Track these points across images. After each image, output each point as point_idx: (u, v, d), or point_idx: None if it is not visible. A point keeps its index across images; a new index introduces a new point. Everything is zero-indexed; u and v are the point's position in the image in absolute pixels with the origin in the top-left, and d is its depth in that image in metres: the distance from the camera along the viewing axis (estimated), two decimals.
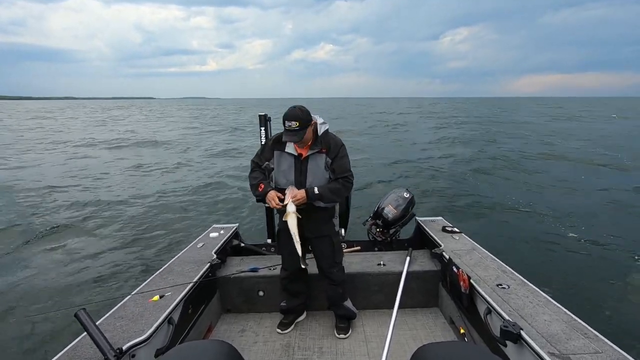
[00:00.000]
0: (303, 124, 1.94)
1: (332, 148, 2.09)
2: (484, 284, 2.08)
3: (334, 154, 2.08)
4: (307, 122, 1.97)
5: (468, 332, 2.17)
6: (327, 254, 2.27)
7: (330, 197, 2.06)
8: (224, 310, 2.73)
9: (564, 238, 5.79)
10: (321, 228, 2.22)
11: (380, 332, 2.41)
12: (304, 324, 2.55)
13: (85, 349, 1.57)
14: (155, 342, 1.77)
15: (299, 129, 1.93)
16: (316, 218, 2.14)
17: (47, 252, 5.83)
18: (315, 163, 2.08)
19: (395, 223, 3.12)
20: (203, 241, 2.98)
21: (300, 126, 1.93)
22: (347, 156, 2.13)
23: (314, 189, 2.02)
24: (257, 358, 2.20)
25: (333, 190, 2.06)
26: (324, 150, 2.08)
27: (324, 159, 2.08)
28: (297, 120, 1.93)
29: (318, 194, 2.02)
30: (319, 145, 2.07)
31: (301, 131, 1.95)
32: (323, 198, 2.04)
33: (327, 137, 2.11)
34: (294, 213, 1.99)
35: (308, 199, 2.02)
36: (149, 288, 2.15)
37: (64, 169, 12.49)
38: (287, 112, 1.97)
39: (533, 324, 1.67)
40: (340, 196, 2.11)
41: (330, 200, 2.09)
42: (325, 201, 2.08)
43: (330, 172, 2.10)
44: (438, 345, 1.02)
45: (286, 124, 1.95)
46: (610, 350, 1.46)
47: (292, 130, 1.93)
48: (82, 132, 25.42)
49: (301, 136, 1.96)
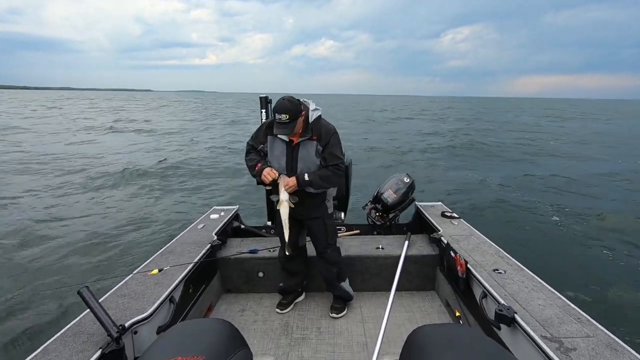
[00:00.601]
0: (293, 116, 1.93)
1: (323, 135, 2.07)
2: (480, 268, 2.11)
3: (325, 142, 2.07)
4: (296, 114, 1.95)
5: (463, 315, 2.21)
6: (321, 235, 2.31)
7: (320, 184, 2.08)
8: (224, 290, 2.78)
9: (561, 226, 5.83)
10: (312, 211, 2.25)
11: (377, 314, 2.45)
12: (302, 304, 2.60)
13: (88, 325, 1.61)
14: (157, 319, 1.81)
15: (289, 121, 1.92)
16: (308, 202, 2.17)
17: (52, 230, 5.89)
18: (306, 150, 2.08)
19: (394, 207, 3.13)
20: (204, 222, 3.00)
21: (290, 118, 1.92)
22: (338, 143, 2.12)
23: (304, 176, 2.04)
24: (256, 336, 2.26)
25: (323, 177, 2.07)
26: (314, 138, 2.06)
27: (315, 146, 2.07)
28: (287, 112, 1.91)
29: (308, 180, 2.04)
30: (310, 133, 2.06)
31: (291, 123, 1.94)
32: (313, 184, 2.06)
33: (319, 124, 2.09)
34: (287, 202, 2.03)
35: (299, 186, 2.04)
36: (150, 267, 2.18)
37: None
38: (277, 104, 1.95)
39: (527, 308, 1.69)
40: (331, 183, 2.12)
41: (320, 187, 2.11)
42: (316, 187, 2.09)
43: (322, 159, 2.09)
44: (433, 327, 1.04)
45: (276, 116, 1.94)
46: (601, 334, 1.49)
47: (283, 122, 1.93)
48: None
49: (291, 129, 1.96)
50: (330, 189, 2.34)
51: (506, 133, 20.63)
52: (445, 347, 0.92)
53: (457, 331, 1.06)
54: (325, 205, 2.34)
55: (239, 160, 10.84)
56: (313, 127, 2.06)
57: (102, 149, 13.49)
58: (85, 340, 1.52)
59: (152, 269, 2.11)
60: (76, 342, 1.51)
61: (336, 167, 2.09)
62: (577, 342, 1.44)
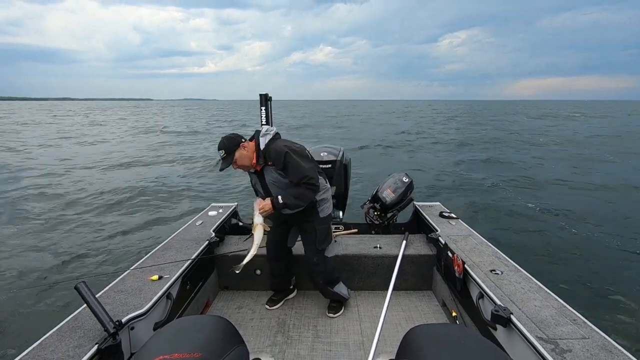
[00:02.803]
0: (228, 150, 2.01)
1: (275, 160, 2.04)
2: (477, 269, 2.11)
3: (281, 165, 2.03)
4: (231, 148, 2.01)
5: (460, 315, 2.22)
6: (309, 240, 2.29)
7: (296, 203, 2.06)
8: (222, 287, 2.78)
9: (559, 229, 5.85)
10: (304, 216, 2.25)
11: (374, 313, 2.46)
12: (299, 302, 2.61)
13: (85, 320, 1.61)
14: (153, 315, 1.81)
15: (226, 155, 2.01)
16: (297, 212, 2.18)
17: (51, 225, 5.87)
18: (270, 175, 2.11)
19: (393, 207, 3.13)
20: (202, 219, 3.00)
21: (227, 153, 2.01)
22: (297, 160, 2.03)
23: (278, 199, 2.05)
24: (252, 333, 2.26)
25: (297, 196, 2.05)
26: (269, 163, 2.07)
27: (275, 170, 2.08)
28: (222, 148, 2.02)
29: (282, 202, 2.04)
30: (262, 160, 2.08)
31: (228, 157, 2.02)
32: (289, 205, 2.06)
33: (269, 149, 2.06)
34: (261, 225, 2.08)
35: (274, 209, 2.06)
36: (148, 264, 2.18)
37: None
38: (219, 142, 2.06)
39: (523, 309, 1.70)
40: (307, 200, 2.10)
41: (296, 206, 2.09)
42: (292, 208, 2.08)
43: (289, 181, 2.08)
44: (430, 327, 1.04)
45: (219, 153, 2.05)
46: (597, 336, 1.49)
47: (221, 158, 2.03)
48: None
49: (229, 162, 2.02)
50: (327, 190, 2.32)
51: (505, 134, 20.74)
52: (441, 347, 0.92)
53: (453, 331, 1.07)
54: (317, 210, 2.25)
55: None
56: (265, 153, 2.07)
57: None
58: (82, 335, 1.52)
59: (152, 270, 2.10)
60: (73, 337, 1.51)
61: (308, 183, 2.04)
62: (573, 344, 1.45)
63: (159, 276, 2.06)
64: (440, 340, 0.95)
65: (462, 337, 0.98)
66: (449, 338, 0.96)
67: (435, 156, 12.89)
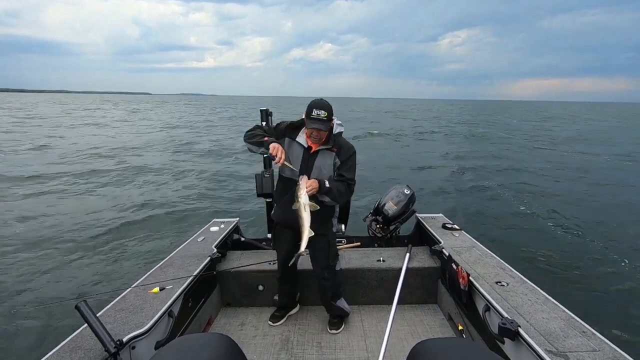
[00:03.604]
0: (329, 115, 1.93)
1: (343, 151, 2.08)
2: (483, 281, 2.09)
3: (345, 157, 2.07)
4: (332, 115, 1.96)
5: (466, 329, 2.18)
6: (322, 254, 2.24)
7: (335, 195, 2.02)
8: (224, 303, 2.74)
9: (565, 238, 5.80)
10: (320, 226, 2.14)
11: (379, 328, 2.42)
12: (302, 318, 2.57)
13: (86, 340, 1.59)
14: (155, 334, 1.78)
15: (326, 119, 1.92)
16: (319, 215, 2.06)
17: (49, 243, 5.85)
18: (324, 159, 2.06)
19: (395, 219, 3.11)
20: (204, 235, 2.99)
21: (327, 117, 1.92)
22: (355, 165, 2.11)
23: (324, 182, 1.97)
24: (256, 351, 2.22)
25: (339, 189, 2.03)
26: (334, 150, 2.07)
27: (333, 157, 2.07)
28: (325, 110, 1.91)
29: (329, 187, 1.97)
30: (331, 144, 2.06)
31: (328, 122, 1.93)
32: (330, 193, 2.00)
33: (340, 139, 2.11)
34: (310, 204, 1.90)
35: (318, 191, 1.95)
36: (150, 281, 2.16)
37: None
38: (315, 101, 1.95)
39: (531, 322, 1.67)
40: (342, 198, 2.08)
41: (334, 198, 2.04)
42: (331, 197, 2.03)
43: (337, 174, 2.08)
44: (436, 341, 1.02)
45: (314, 112, 1.91)
46: (607, 348, 1.46)
47: (320, 119, 1.90)
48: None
49: (327, 126, 1.94)
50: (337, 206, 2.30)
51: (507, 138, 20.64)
52: None
53: (461, 345, 1.05)
54: (332, 223, 2.27)
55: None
56: (334, 139, 2.07)
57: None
58: (82, 356, 1.49)
59: (154, 287, 2.08)
60: (73, 358, 1.48)
61: (350, 185, 2.08)
62: (583, 357, 1.42)
63: (160, 287, 2.05)
64: (447, 355, 0.93)
65: (470, 352, 0.96)
66: (456, 353, 0.95)
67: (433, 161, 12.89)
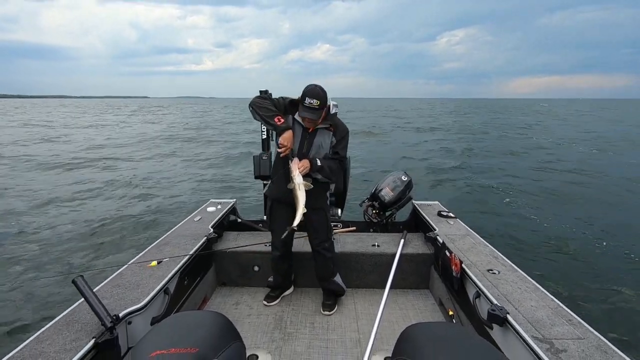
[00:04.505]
0: (322, 104, 1.93)
1: (339, 130, 2.15)
2: (475, 268, 2.12)
3: (340, 136, 2.15)
4: (325, 102, 1.96)
5: (456, 314, 2.23)
6: (321, 227, 2.31)
7: (327, 173, 2.12)
8: (219, 283, 2.78)
9: (555, 229, 5.87)
10: (317, 201, 2.23)
11: (371, 311, 2.46)
12: (296, 299, 2.61)
13: (82, 314, 1.61)
14: (151, 310, 1.81)
15: (319, 108, 1.93)
16: (314, 190, 2.12)
17: (48, 219, 5.86)
18: (322, 138, 2.13)
19: (391, 205, 3.13)
20: (200, 215, 3.00)
21: (320, 105, 1.92)
22: (347, 145, 2.22)
23: (316, 160, 2.06)
24: (249, 329, 2.27)
25: (331, 167, 2.12)
26: (332, 129, 2.13)
27: (330, 136, 2.14)
28: (318, 98, 1.91)
29: (320, 166, 2.06)
30: (328, 123, 2.11)
31: (320, 110, 1.94)
32: (323, 171, 2.09)
33: (335, 119, 2.16)
34: (303, 184, 1.99)
35: (311, 170, 2.05)
36: (146, 258, 2.18)
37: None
38: (308, 89, 1.94)
39: (520, 309, 1.71)
40: (334, 175, 2.17)
41: (326, 175, 2.14)
42: (324, 174, 2.13)
43: (332, 152, 2.17)
44: (426, 325, 1.05)
45: (307, 100, 1.91)
46: (592, 336, 1.50)
47: (312, 108, 1.92)
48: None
49: (319, 115, 1.96)
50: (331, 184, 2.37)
51: (503, 133, 20.76)
52: (437, 345, 0.92)
53: (450, 329, 1.07)
54: (326, 197, 2.36)
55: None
56: (331, 118, 2.12)
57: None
58: (79, 329, 1.52)
59: (151, 261, 2.11)
60: (69, 330, 1.51)
61: (342, 162, 2.19)
62: (568, 344, 1.45)
63: (158, 261, 2.08)
64: (436, 339, 0.96)
65: (458, 336, 0.98)
66: (445, 337, 0.97)
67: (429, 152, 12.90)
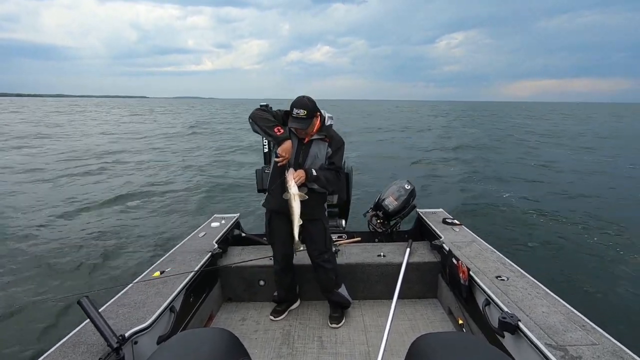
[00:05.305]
0: (309, 113, 1.98)
1: (334, 141, 2.18)
2: (483, 275, 2.09)
3: (335, 147, 2.17)
4: (313, 112, 2.00)
5: (466, 323, 2.19)
6: (319, 238, 2.29)
7: (324, 183, 2.12)
8: (225, 299, 2.76)
9: (563, 232, 5.80)
10: (314, 211, 2.24)
11: (379, 322, 2.43)
12: (303, 313, 2.58)
13: (88, 335, 1.60)
14: (157, 329, 1.79)
15: (306, 117, 1.97)
16: (310, 201, 2.12)
17: (51, 239, 5.87)
18: (318, 148, 2.15)
19: (395, 214, 3.12)
20: (204, 231, 3.00)
21: (307, 115, 1.97)
22: (342, 156, 2.24)
23: (312, 171, 2.08)
24: (257, 346, 2.23)
25: (327, 177, 2.13)
26: (327, 140, 2.15)
27: (326, 147, 2.16)
28: (305, 108, 1.96)
29: (316, 176, 2.07)
30: (324, 134, 2.14)
31: (307, 120, 1.99)
32: (319, 181, 2.10)
33: (331, 130, 2.19)
34: (298, 195, 2.00)
35: (306, 180, 2.06)
36: (151, 276, 2.17)
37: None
38: (296, 100, 2.01)
39: (531, 316, 1.68)
40: (331, 185, 2.17)
41: (322, 186, 2.15)
42: (320, 185, 2.13)
43: (328, 162, 2.18)
44: (436, 335, 1.03)
45: (294, 111, 1.98)
46: (607, 342, 1.47)
47: (300, 118, 1.97)
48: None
49: (307, 124, 2.00)
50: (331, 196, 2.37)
51: (506, 137, 20.74)
52: (449, 356, 0.91)
53: (461, 339, 1.05)
54: (324, 208, 2.37)
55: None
56: (326, 130, 2.15)
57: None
58: (85, 350, 1.50)
59: (155, 282, 2.09)
60: (75, 352, 1.49)
61: (339, 173, 2.19)
62: (582, 350, 1.42)
63: (161, 271, 2.08)
64: (447, 349, 0.94)
65: (470, 346, 0.96)
66: (456, 347, 0.95)
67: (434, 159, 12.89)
